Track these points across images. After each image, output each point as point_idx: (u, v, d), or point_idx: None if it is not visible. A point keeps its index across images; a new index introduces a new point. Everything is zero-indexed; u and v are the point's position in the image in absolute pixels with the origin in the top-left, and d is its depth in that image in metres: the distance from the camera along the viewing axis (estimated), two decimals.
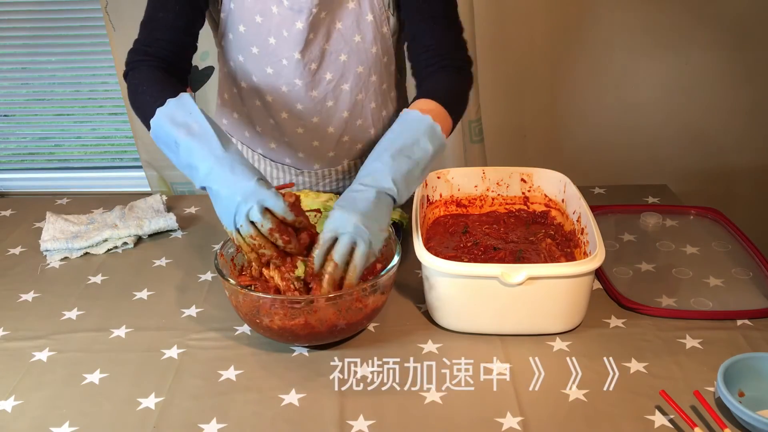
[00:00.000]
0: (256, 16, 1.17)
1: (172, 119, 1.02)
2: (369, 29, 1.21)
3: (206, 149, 0.98)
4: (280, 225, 0.94)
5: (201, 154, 0.98)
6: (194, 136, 0.99)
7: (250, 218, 0.93)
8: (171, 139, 1.01)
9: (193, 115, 1.02)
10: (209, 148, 0.98)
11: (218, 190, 0.96)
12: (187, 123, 1.01)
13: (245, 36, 1.19)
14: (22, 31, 2.36)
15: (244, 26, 1.18)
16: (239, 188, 0.94)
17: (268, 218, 0.93)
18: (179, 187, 2.31)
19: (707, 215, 1.33)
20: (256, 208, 0.92)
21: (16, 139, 2.61)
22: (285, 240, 0.95)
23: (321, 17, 1.17)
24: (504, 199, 1.26)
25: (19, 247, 1.30)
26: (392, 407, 0.88)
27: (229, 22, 1.19)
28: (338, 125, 1.30)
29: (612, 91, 2.25)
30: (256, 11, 1.17)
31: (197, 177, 0.99)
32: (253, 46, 1.20)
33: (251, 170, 0.96)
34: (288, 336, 0.96)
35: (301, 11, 1.15)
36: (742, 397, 0.87)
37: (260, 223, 0.93)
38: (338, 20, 1.19)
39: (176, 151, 1.01)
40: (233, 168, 0.96)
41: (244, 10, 1.17)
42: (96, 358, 0.99)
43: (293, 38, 1.18)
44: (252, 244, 0.95)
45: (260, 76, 1.23)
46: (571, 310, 1.00)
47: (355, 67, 1.24)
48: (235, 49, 1.22)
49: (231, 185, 0.94)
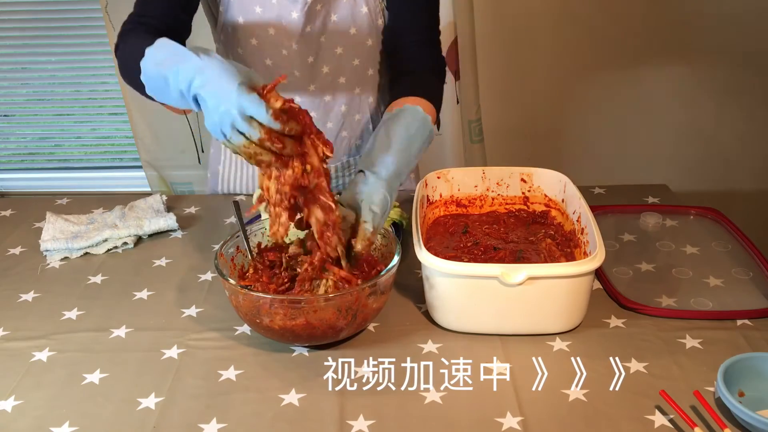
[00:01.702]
0: (256, 7, 1.18)
1: (155, 62, 0.96)
2: (364, 21, 1.21)
3: (188, 64, 0.90)
4: (270, 132, 0.86)
5: (184, 70, 0.90)
6: (177, 62, 0.92)
7: (237, 129, 0.86)
8: (161, 80, 0.94)
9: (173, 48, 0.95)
10: (190, 62, 0.90)
11: (203, 97, 0.88)
12: (167, 57, 0.94)
13: (245, 27, 1.20)
14: (22, 31, 2.36)
15: (243, 18, 1.19)
16: (221, 95, 0.86)
17: (255, 127, 0.85)
18: (179, 187, 2.32)
19: (707, 215, 1.33)
20: (240, 119, 0.85)
21: (16, 139, 2.61)
22: (278, 146, 0.87)
23: (317, 9, 1.18)
24: (504, 199, 1.26)
25: (19, 247, 1.30)
26: (392, 407, 0.88)
27: (228, 14, 1.20)
28: (336, 120, 1.30)
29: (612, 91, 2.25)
30: (256, 2, 1.18)
31: (186, 95, 0.91)
32: (252, 38, 1.20)
33: (235, 71, 0.87)
34: (288, 336, 0.96)
35: (296, 1, 1.16)
36: (742, 397, 0.87)
37: (248, 133, 0.86)
38: (333, 12, 1.20)
39: (167, 87, 0.93)
40: (214, 70, 0.88)
41: (243, 1, 1.18)
42: (96, 358, 0.99)
43: (291, 28, 1.19)
44: (247, 152, 0.88)
45: (260, 68, 1.23)
46: (571, 310, 1.00)
47: (351, 60, 1.24)
48: (234, 42, 1.23)
49: (213, 91, 0.87)
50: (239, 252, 1.07)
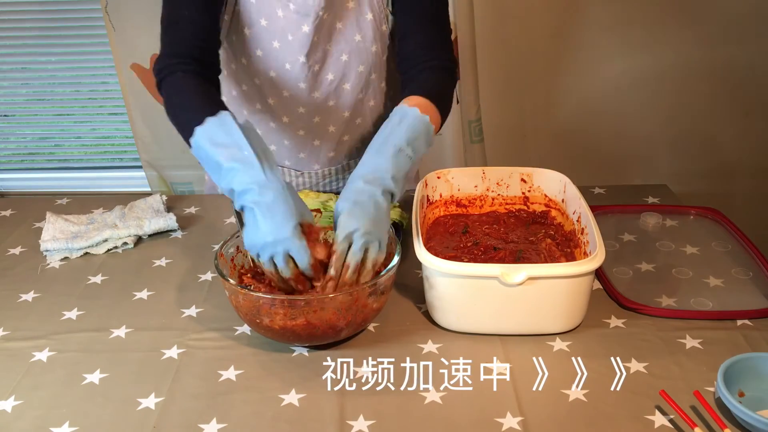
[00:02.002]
0: (261, 20, 1.17)
1: (212, 141, 0.98)
2: (369, 28, 1.21)
3: (249, 175, 0.94)
4: (299, 275, 0.95)
5: (243, 179, 0.94)
6: (236, 161, 0.96)
7: (274, 261, 0.94)
8: (213, 162, 0.98)
9: (233, 137, 0.98)
10: (252, 175, 0.94)
11: (257, 219, 0.93)
12: (227, 145, 0.97)
13: (249, 39, 1.19)
14: (22, 31, 2.36)
15: (248, 29, 1.18)
16: (277, 229, 0.92)
17: (290, 268, 0.94)
18: (179, 187, 2.32)
19: (707, 215, 1.33)
20: (281, 257, 0.92)
21: (16, 139, 2.61)
22: (299, 289, 0.96)
23: (324, 18, 1.17)
24: (504, 199, 1.26)
25: (19, 247, 1.30)
26: (392, 407, 0.88)
27: (233, 24, 1.19)
28: (339, 125, 1.30)
29: (612, 91, 2.25)
30: (262, 14, 1.17)
31: (235, 201, 0.97)
32: (257, 49, 1.20)
33: (293, 207, 0.93)
34: (288, 336, 0.96)
35: (307, 15, 1.15)
36: (742, 397, 0.87)
37: (281, 269, 0.94)
38: (338, 20, 1.19)
39: (219, 173, 0.98)
40: (278, 197, 0.93)
41: (249, 13, 1.17)
42: (96, 358, 0.99)
43: (299, 42, 1.18)
44: (270, 277, 0.96)
45: (263, 79, 1.23)
46: (571, 310, 1.00)
47: (356, 66, 1.24)
48: (238, 52, 1.22)
49: (271, 222, 0.92)
50: (239, 252, 1.07)
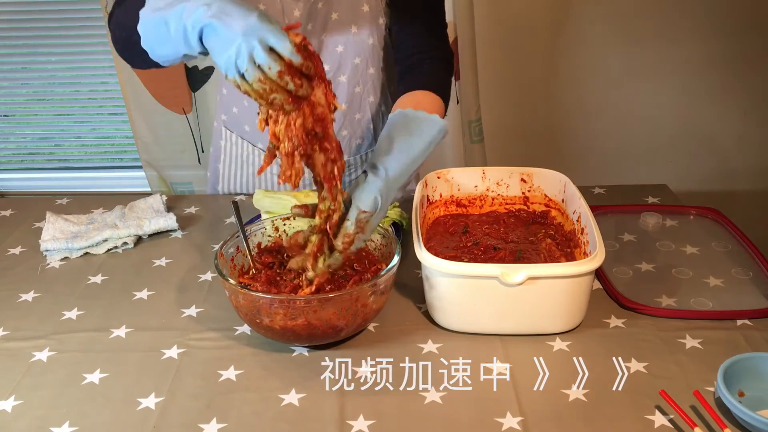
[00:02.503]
0: (260, 5, 1.17)
1: (154, 8, 0.90)
2: (365, 20, 1.21)
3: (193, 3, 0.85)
4: (289, 66, 0.82)
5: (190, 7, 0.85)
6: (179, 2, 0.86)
7: (255, 60, 0.81)
8: (161, 26, 0.88)
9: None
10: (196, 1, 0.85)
11: (215, 27, 0.82)
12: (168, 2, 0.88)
13: None
14: (22, 31, 2.36)
15: None
16: (237, 25, 0.81)
17: (275, 59, 0.81)
18: (179, 187, 2.32)
19: (707, 215, 1.33)
20: (260, 48, 0.80)
21: (16, 139, 2.61)
22: (297, 84, 0.83)
23: (318, 7, 1.17)
24: (504, 199, 1.26)
25: (19, 247, 1.30)
26: (392, 407, 0.88)
27: None
28: (337, 118, 1.30)
29: (612, 92, 2.25)
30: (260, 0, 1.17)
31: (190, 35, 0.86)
32: None
33: (248, 6, 0.83)
34: (288, 336, 0.96)
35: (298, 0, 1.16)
36: (742, 397, 0.87)
37: (267, 64, 0.81)
38: (334, 11, 1.19)
39: (167, 33, 0.88)
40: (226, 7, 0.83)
41: None
42: (96, 358, 0.99)
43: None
44: (260, 89, 0.83)
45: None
46: (571, 310, 1.00)
47: (352, 58, 1.24)
48: None
49: (229, 19, 0.82)
50: (239, 252, 1.07)
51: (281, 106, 0.85)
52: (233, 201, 1.13)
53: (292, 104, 0.85)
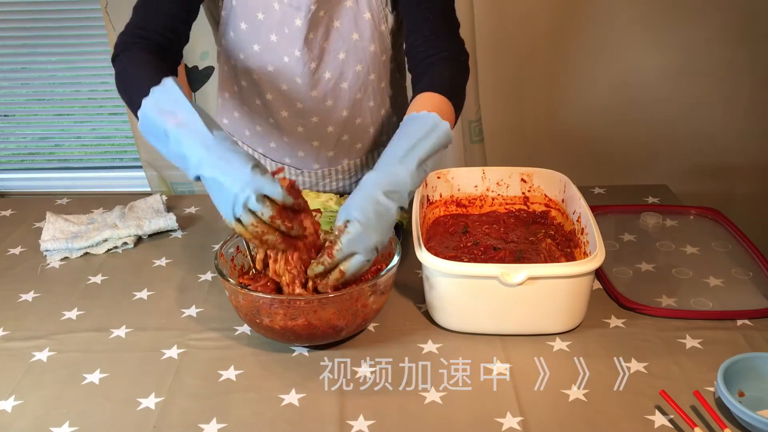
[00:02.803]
0: (258, 13, 1.17)
1: (158, 109, 0.97)
2: (367, 27, 1.21)
3: (195, 138, 0.93)
4: (280, 211, 0.91)
5: (190, 143, 0.93)
6: (182, 125, 0.94)
7: (249, 207, 0.89)
8: (160, 130, 0.96)
9: (178, 102, 0.96)
10: (198, 136, 0.93)
11: (212, 179, 0.91)
12: (173, 111, 0.96)
13: (247, 33, 1.19)
14: (22, 31, 2.36)
15: (245, 23, 1.18)
16: (234, 177, 0.90)
17: (268, 206, 0.90)
18: (179, 187, 2.31)
19: (707, 215, 1.33)
20: (254, 198, 0.88)
21: (16, 139, 2.61)
22: (288, 226, 0.92)
23: (320, 15, 1.17)
24: (504, 199, 1.26)
25: (19, 247, 1.30)
26: (392, 407, 0.88)
27: (230, 19, 1.19)
28: (337, 124, 1.30)
29: (612, 92, 2.25)
30: (259, 8, 1.17)
31: (189, 167, 0.94)
32: (254, 44, 1.20)
33: (244, 157, 0.92)
34: (289, 336, 0.96)
35: (299, 8, 1.16)
36: (742, 397, 0.87)
37: (260, 211, 0.89)
38: (336, 19, 1.19)
39: (166, 142, 0.96)
40: (225, 155, 0.92)
41: (246, 7, 1.17)
42: (96, 358, 0.99)
43: (293, 35, 1.18)
44: (254, 232, 0.91)
45: (261, 74, 1.23)
46: (571, 310, 1.00)
47: (354, 65, 1.24)
48: (236, 47, 1.22)
49: (225, 174, 0.90)
50: (239, 252, 1.07)
51: (275, 246, 0.94)
52: None
53: (284, 244, 0.94)
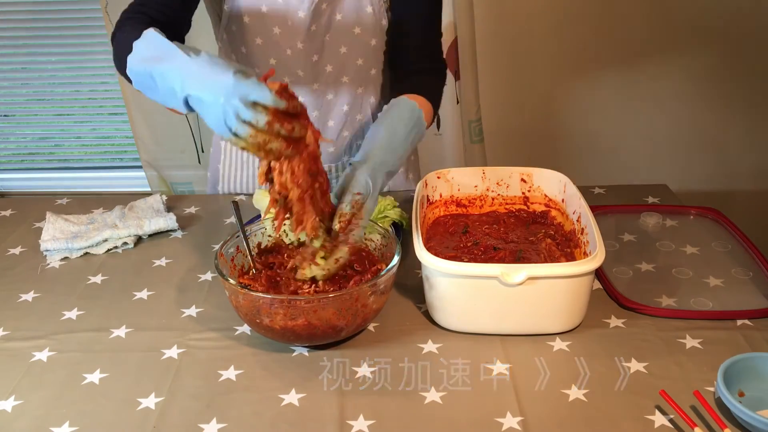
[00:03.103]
0: (262, 6, 1.18)
1: (142, 58, 0.95)
2: (369, 21, 1.21)
3: (176, 63, 0.89)
4: (276, 114, 0.84)
5: (172, 70, 0.89)
6: (163, 60, 0.91)
7: (242, 118, 0.83)
8: (148, 78, 0.93)
9: (160, 46, 0.94)
10: (179, 62, 0.89)
11: (198, 96, 0.86)
12: (154, 54, 0.93)
13: (250, 27, 1.20)
14: (22, 31, 2.36)
15: (248, 17, 1.19)
16: (217, 87, 0.84)
17: (261, 111, 0.83)
18: (179, 187, 2.32)
19: (707, 215, 1.33)
20: (243, 106, 0.82)
21: (16, 139, 2.61)
22: (288, 128, 0.85)
23: (322, 8, 1.18)
24: (504, 199, 1.26)
25: (19, 247, 1.30)
26: (392, 407, 0.88)
27: (233, 13, 1.19)
28: (338, 119, 1.30)
29: (612, 92, 2.25)
30: (262, 1, 1.17)
31: (176, 95, 0.89)
32: (257, 37, 1.20)
33: (225, 64, 0.86)
34: (289, 336, 0.96)
35: (303, 1, 1.16)
36: (742, 397, 0.87)
37: (254, 119, 0.83)
38: (338, 11, 1.20)
39: (155, 86, 0.93)
40: (204, 67, 0.86)
41: (249, 0, 1.18)
42: (96, 358, 0.99)
43: (296, 28, 1.18)
44: (255, 143, 0.85)
45: (264, 67, 1.23)
46: (571, 310, 1.00)
47: (355, 59, 1.25)
48: (238, 41, 1.23)
49: (209, 87, 0.85)
50: (239, 252, 1.07)
51: (281, 154, 0.87)
52: (233, 201, 1.13)
53: (291, 148, 0.87)
